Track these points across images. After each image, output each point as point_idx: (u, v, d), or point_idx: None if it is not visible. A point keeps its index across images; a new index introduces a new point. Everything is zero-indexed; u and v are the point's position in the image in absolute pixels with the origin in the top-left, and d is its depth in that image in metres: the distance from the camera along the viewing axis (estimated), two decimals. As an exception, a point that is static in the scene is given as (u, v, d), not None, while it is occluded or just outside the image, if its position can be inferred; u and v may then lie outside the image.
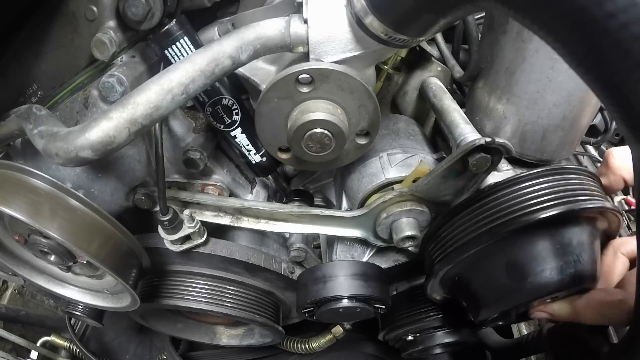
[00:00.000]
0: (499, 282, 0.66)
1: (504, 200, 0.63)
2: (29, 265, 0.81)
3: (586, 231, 0.64)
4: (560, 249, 0.62)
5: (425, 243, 0.76)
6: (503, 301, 0.67)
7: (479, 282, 0.69)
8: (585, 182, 0.64)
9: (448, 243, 0.70)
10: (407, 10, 0.50)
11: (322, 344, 1.14)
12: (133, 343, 1.43)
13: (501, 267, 0.65)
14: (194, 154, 0.85)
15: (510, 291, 0.65)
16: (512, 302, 0.66)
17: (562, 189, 0.61)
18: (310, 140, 0.65)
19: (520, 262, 0.63)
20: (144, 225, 0.92)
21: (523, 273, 0.63)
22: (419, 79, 1.01)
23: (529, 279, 0.63)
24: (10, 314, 1.21)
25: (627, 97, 0.27)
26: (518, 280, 0.64)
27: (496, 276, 0.66)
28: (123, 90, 0.69)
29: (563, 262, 0.62)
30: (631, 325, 0.50)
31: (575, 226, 0.63)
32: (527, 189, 0.62)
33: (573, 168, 0.65)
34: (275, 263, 0.92)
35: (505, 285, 0.65)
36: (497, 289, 0.67)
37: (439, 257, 0.72)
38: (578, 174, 0.65)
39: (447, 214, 0.71)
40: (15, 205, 0.60)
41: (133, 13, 0.64)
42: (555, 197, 0.61)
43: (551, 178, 0.63)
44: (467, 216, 0.67)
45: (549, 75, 0.72)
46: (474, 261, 0.67)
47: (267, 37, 0.62)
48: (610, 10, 0.25)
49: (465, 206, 0.68)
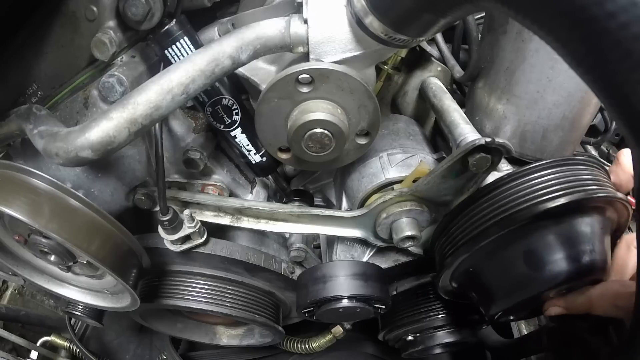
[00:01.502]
0: (516, 272, 0.66)
1: (517, 189, 0.64)
2: (29, 265, 0.81)
3: (598, 221, 0.64)
4: (576, 237, 0.63)
5: (436, 239, 0.76)
6: (520, 291, 0.67)
7: (494, 272, 0.69)
8: (595, 173, 0.65)
9: (460, 236, 0.70)
10: (407, 10, 0.50)
11: (322, 344, 1.14)
12: (133, 343, 1.43)
13: (518, 256, 0.65)
14: (194, 154, 0.85)
15: (528, 280, 0.65)
16: (530, 292, 0.66)
17: (577, 179, 0.62)
18: (310, 140, 0.65)
19: (537, 251, 0.63)
20: (144, 225, 0.91)
21: (540, 261, 0.63)
22: (419, 79, 1.01)
23: (547, 267, 0.63)
24: (10, 314, 1.21)
25: (627, 97, 0.27)
26: (536, 269, 0.64)
27: (513, 265, 0.66)
28: (123, 90, 0.69)
29: (579, 251, 0.62)
30: (631, 326, 0.50)
31: (588, 215, 0.63)
32: (541, 179, 0.63)
33: (583, 159, 0.66)
34: (275, 263, 0.92)
35: (523, 274, 0.65)
36: (514, 278, 0.67)
37: (450, 250, 0.71)
38: (588, 165, 0.65)
39: (458, 207, 0.71)
40: (15, 205, 0.59)
41: (133, 13, 0.64)
42: (568, 186, 0.61)
43: (563, 168, 0.63)
44: (480, 207, 0.67)
45: (549, 75, 0.72)
46: (490, 251, 0.67)
47: (267, 37, 0.62)
48: (611, 10, 0.25)
49: (478, 198, 0.68)
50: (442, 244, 0.75)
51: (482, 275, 0.71)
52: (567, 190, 0.61)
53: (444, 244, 0.74)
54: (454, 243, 0.71)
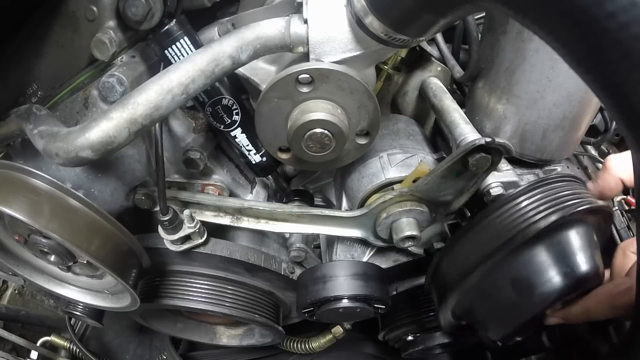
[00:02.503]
0: (507, 300, 0.65)
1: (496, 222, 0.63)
2: (29, 265, 0.81)
3: (582, 232, 0.64)
4: (561, 255, 0.62)
5: (430, 281, 0.75)
6: (515, 317, 0.67)
7: (487, 304, 0.69)
8: (570, 187, 0.64)
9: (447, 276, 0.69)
10: (407, 10, 0.50)
11: (322, 344, 1.14)
12: (133, 343, 1.43)
13: (506, 286, 0.64)
14: (194, 154, 0.85)
15: (521, 306, 0.65)
16: (525, 316, 0.66)
17: (550, 199, 0.61)
18: (310, 140, 0.65)
19: (524, 276, 0.63)
20: (144, 225, 0.92)
21: (529, 286, 0.63)
22: (419, 79, 1.01)
23: (536, 291, 0.62)
24: (10, 314, 1.21)
25: (627, 97, 0.27)
26: (525, 295, 0.63)
27: (503, 295, 0.65)
28: (123, 90, 0.69)
29: (567, 267, 0.61)
30: (631, 325, 0.50)
31: (571, 230, 0.63)
32: (516, 207, 0.62)
33: (555, 176, 0.65)
34: (275, 263, 0.92)
35: (515, 302, 0.65)
36: (507, 306, 0.66)
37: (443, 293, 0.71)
38: (562, 181, 0.64)
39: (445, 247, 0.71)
40: (15, 205, 0.60)
41: (133, 13, 0.64)
42: (547, 207, 0.60)
43: (537, 191, 0.62)
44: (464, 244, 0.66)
45: (549, 75, 0.72)
46: (477, 287, 0.67)
47: (267, 37, 0.62)
48: (611, 10, 0.25)
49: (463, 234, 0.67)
50: (436, 287, 0.74)
51: (476, 309, 0.71)
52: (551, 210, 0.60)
53: (438, 287, 0.73)
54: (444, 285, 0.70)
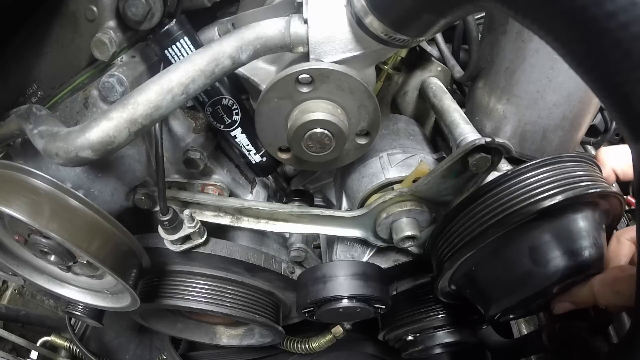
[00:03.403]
0: (521, 269, 0.66)
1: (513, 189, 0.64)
2: (29, 265, 0.81)
3: (597, 215, 0.66)
4: (578, 232, 0.64)
5: (433, 242, 0.76)
6: (525, 287, 0.67)
7: (497, 271, 0.69)
8: (587, 169, 0.66)
9: (458, 238, 0.70)
10: (407, 10, 0.50)
11: (322, 344, 1.14)
12: (133, 343, 1.43)
13: (523, 253, 0.65)
14: (194, 154, 0.85)
15: (533, 276, 0.66)
16: (535, 288, 0.66)
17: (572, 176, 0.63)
18: (310, 140, 0.65)
19: (542, 246, 0.64)
20: (144, 225, 0.92)
21: (545, 256, 0.64)
22: (419, 79, 1.01)
23: (551, 262, 0.64)
24: (10, 314, 1.21)
25: (627, 97, 0.27)
26: (541, 264, 0.64)
27: (517, 263, 0.66)
28: (123, 90, 0.69)
29: (581, 245, 0.64)
30: (631, 325, 0.50)
31: (587, 211, 0.64)
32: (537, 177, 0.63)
33: (575, 155, 0.66)
34: (275, 263, 0.92)
35: (528, 271, 0.66)
36: (519, 275, 0.67)
37: (449, 253, 0.71)
38: (580, 161, 0.66)
39: (454, 210, 0.71)
40: (15, 205, 0.59)
41: (133, 13, 0.64)
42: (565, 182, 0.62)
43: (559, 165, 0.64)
44: (478, 208, 0.67)
45: (549, 75, 0.72)
46: (492, 251, 0.68)
47: (267, 37, 0.62)
48: (611, 9, 0.25)
49: (475, 199, 0.68)
50: (439, 248, 0.74)
51: (483, 275, 0.71)
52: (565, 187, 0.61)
53: (442, 247, 0.74)
54: (452, 246, 0.71)
